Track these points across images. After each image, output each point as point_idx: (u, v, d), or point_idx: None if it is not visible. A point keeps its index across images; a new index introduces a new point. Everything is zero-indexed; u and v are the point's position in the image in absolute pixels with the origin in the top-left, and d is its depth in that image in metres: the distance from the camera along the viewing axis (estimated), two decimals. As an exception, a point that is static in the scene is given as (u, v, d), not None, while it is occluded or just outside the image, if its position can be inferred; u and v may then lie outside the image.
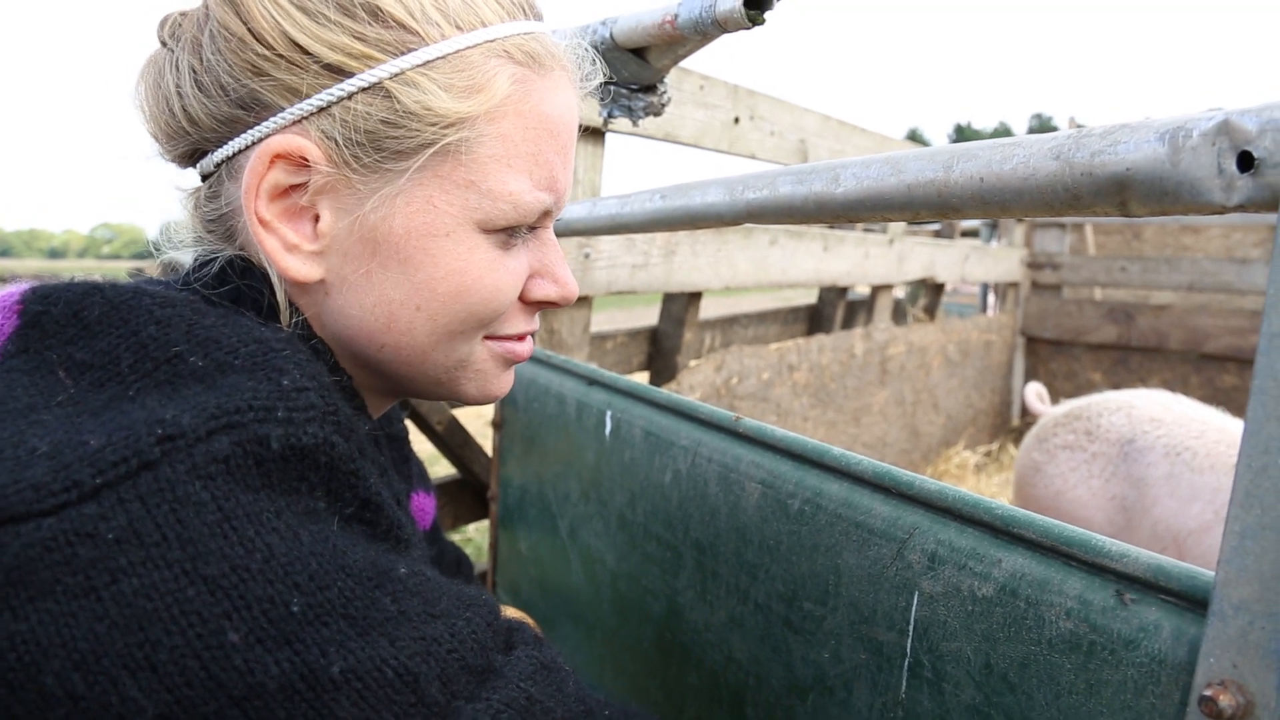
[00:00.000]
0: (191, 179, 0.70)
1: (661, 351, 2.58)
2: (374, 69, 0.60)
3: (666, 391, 1.08)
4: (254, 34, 0.59)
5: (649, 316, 2.86)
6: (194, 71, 0.62)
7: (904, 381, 3.66)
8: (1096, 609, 0.56)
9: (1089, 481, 2.34)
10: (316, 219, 0.63)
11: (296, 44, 0.59)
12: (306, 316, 0.66)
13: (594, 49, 1.10)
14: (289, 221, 0.63)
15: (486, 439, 1.87)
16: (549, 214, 0.70)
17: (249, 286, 0.64)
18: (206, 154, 0.65)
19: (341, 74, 0.60)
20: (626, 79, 1.12)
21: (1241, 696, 0.45)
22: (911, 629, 0.68)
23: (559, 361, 1.36)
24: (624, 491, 1.12)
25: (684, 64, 2.00)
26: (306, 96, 0.60)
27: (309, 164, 0.61)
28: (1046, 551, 0.60)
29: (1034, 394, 2.94)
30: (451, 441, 1.99)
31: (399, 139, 0.61)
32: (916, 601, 0.68)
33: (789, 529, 0.81)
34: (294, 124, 0.61)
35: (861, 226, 3.85)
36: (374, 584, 0.50)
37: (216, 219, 0.66)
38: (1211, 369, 4.36)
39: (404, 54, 0.60)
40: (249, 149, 0.62)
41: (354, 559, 0.50)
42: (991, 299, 5.31)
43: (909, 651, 0.69)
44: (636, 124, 1.22)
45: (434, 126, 0.61)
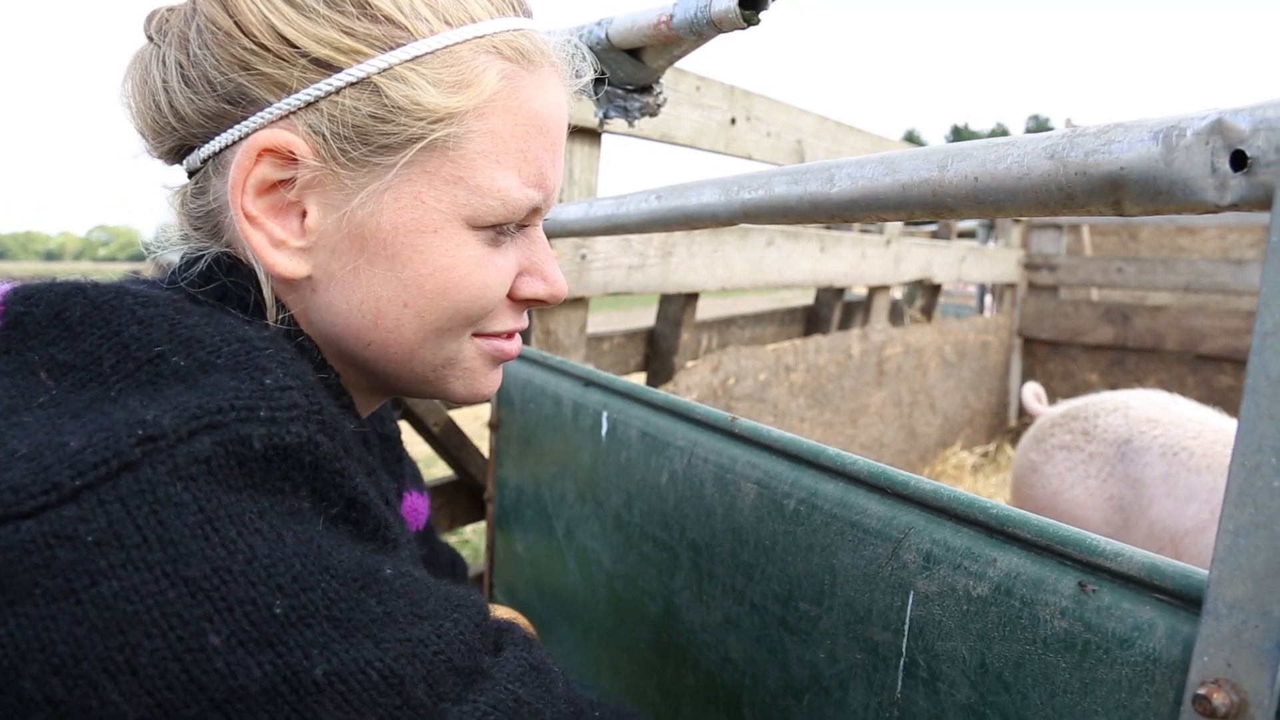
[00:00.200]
0: (178, 176, 0.69)
1: (658, 352, 2.58)
2: (362, 64, 0.59)
3: (662, 392, 1.08)
4: (241, 28, 0.59)
5: (646, 318, 2.86)
6: (181, 67, 0.62)
7: (901, 382, 3.66)
8: (1091, 608, 0.56)
9: (1086, 482, 2.35)
10: (303, 215, 0.63)
11: (284, 38, 0.59)
12: (293, 313, 0.66)
13: (589, 49, 1.10)
14: (276, 217, 0.62)
15: (483, 440, 1.86)
16: (538, 211, 0.69)
17: (235, 284, 0.63)
18: (193, 150, 0.65)
19: (329, 69, 0.59)
20: (622, 79, 1.12)
21: (1235, 695, 0.45)
22: (907, 629, 0.68)
23: (555, 362, 1.36)
24: (620, 492, 1.12)
25: (680, 65, 2.00)
26: (294, 91, 0.60)
27: (296, 159, 0.60)
28: (1041, 551, 0.61)
29: (1031, 394, 2.95)
30: (448, 443, 1.99)
31: (387, 134, 0.61)
32: (912, 601, 0.68)
33: (785, 529, 0.81)
34: (281, 119, 0.60)
35: (858, 227, 3.85)
36: (359, 585, 0.49)
37: (203, 215, 0.66)
38: (1208, 369, 4.37)
39: (392, 49, 0.60)
40: (236, 144, 0.62)
41: (339, 560, 0.49)
42: (988, 300, 5.32)
43: (904, 651, 0.69)
44: (632, 124, 1.22)
45: (422, 121, 0.61)
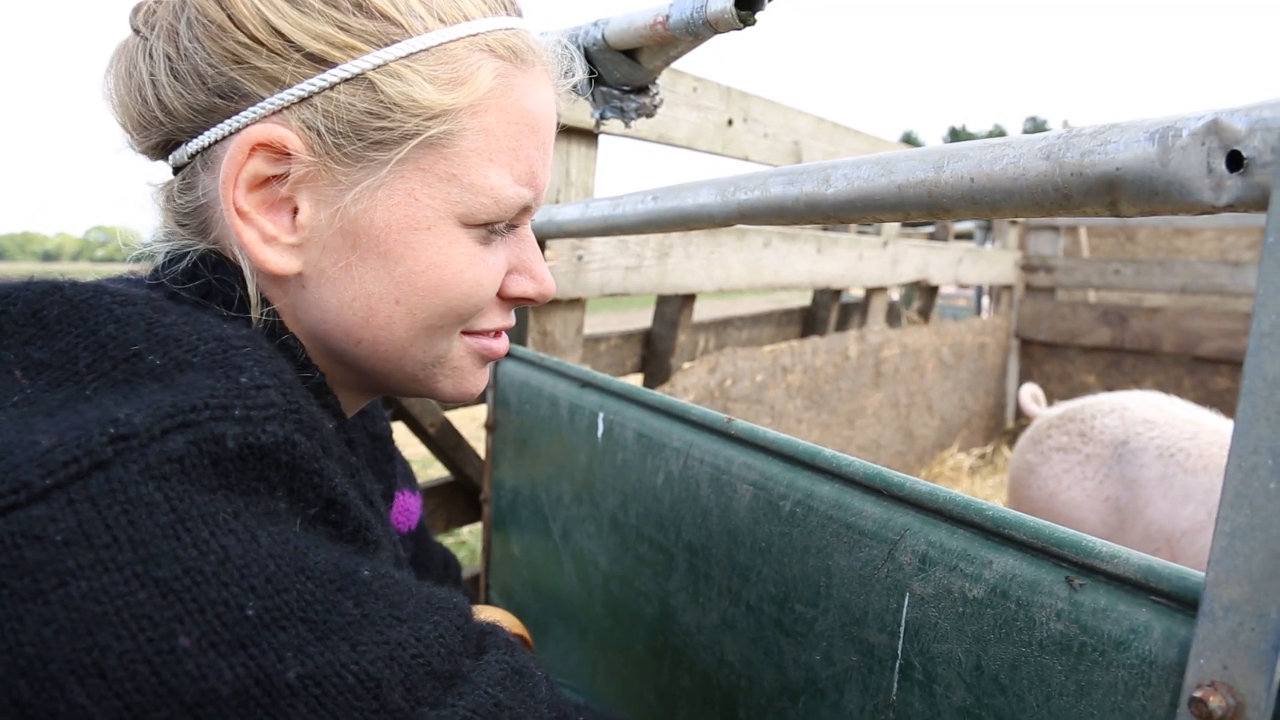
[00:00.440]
0: (161, 172, 0.69)
1: (655, 354, 2.58)
2: (357, 59, 0.59)
3: (659, 393, 1.08)
4: (235, 21, 0.59)
5: (642, 319, 2.85)
6: (169, 59, 0.61)
7: (898, 384, 3.66)
8: (1087, 610, 0.55)
9: (1083, 483, 2.35)
10: (295, 211, 0.62)
11: (279, 32, 0.58)
12: (280, 311, 0.65)
13: (585, 50, 1.10)
14: (267, 213, 0.62)
15: (479, 441, 1.86)
16: (528, 210, 0.70)
17: (220, 281, 0.63)
18: (180, 145, 0.64)
19: (324, 64, 0.59)
20: (619, 80, 1.12)
21: (1231, 698, 0.45)
22: (903, 630, 0.68)
23: (552, 364, 1.35)
24: (616, 493, 1.12)
25: (677, 66, 2.00)
26: (288, 86, 0.59)
27: (289, 154, 0.60)
28: (1037, 553, 0.60)
29: (1029, 396, 2.95)
30: (444, 444, 1.99)
31: (383, 130, 0.60)
32: (908, 603, 0.68)
33: (781, 531, 0.81)
34: (274, 114, 0.60)
35: (855, 228, 3.86)
36: (336, 587, 0.48)
37: (191, 212, 0.65)
38: (1205, 371, 4.38)
39: (387, 45, 0.60)
40: (226, 139, 0.61)
41: (315, 561, 0.48)
42: (985, 301, 5.32)
43: (900, 653, 0.68)
44: (629, 125, 1.22)
45: (418, 118, 0.61)
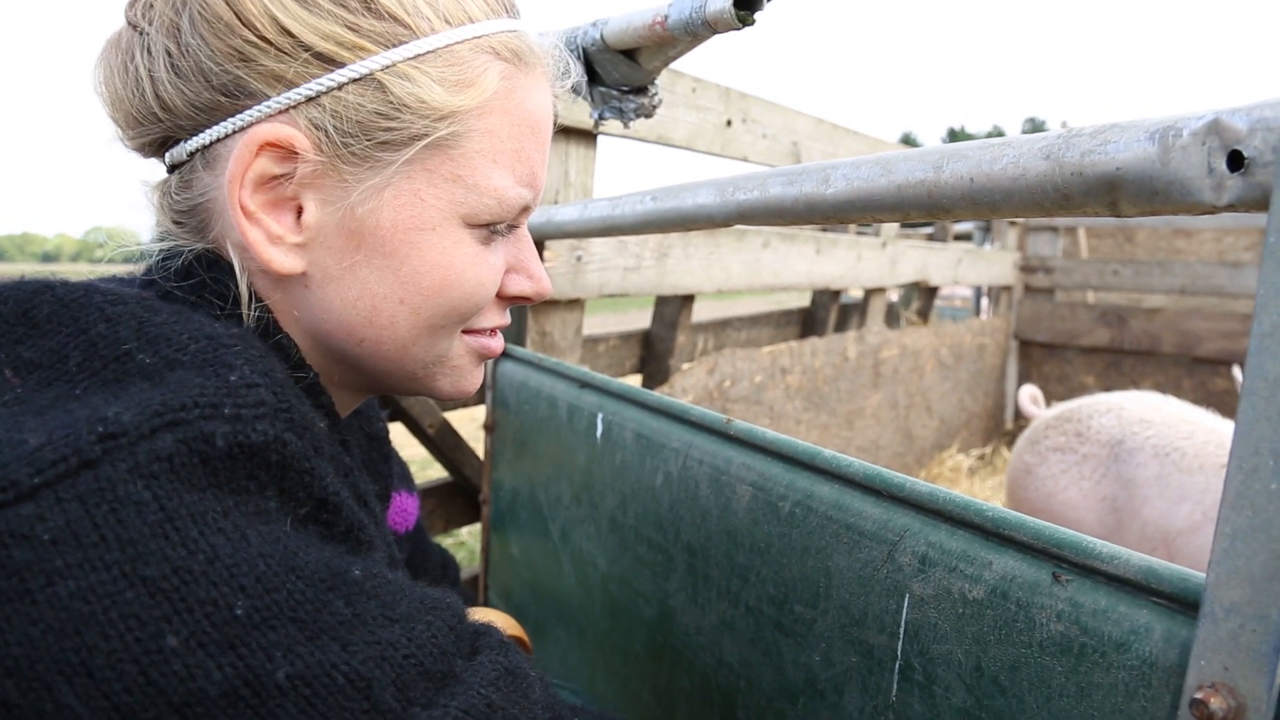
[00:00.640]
0: (157, 171, 0.68)
1: (654, 354, 2.58)
2: (366, 60, 0.59)
3: (658, 394, 1.08)
4: (242, 19, 0.58)
5: (641, 320, 2.85)
6: (169, 55, 0.60)
7: (897, 385, 3.66)
8: (1087, 611, 0.55)
9: (1080, 483, 2.35)
10: (299, 211, 0.62)
11: (287, 31, 0.58)
12: (278, 311, 0.65)
13: (584, 50, 1.10)
14: (272, 212, 0.61)
15: (478, 442, 1.86)
16: (527, 210, 0.70)
17: (214, 279, 0.62)
18: (177, 142, 0.63)
19: (332, 63, 0.59)
20: (618, 80, 1.12)
21: (1232, 699, 0.45)
22: (902, 631, 0.68)
23: (551, 364, 1.35)
24: (615, 494, 1.11)
25: (676, 66, 2.00)
26: (295, 85, 0.59)
27: (297, 154, 0.60)
28: (1037, 554, 0.60)
29: (1027, 397, 2.95)
30: (443, 445, 1.98)
31: (390, 130, 0.60)
32: (907, 604, 0.68)
33: (780, 531, 0.81)
34: (280, 113, 0.59)
35: (854, 229, 3.86)
36: (326, 586, 0.48)
37: (189, 211, 0.65)
38: (1204, 372, 4.38)
39: (395, 46, 0.60)
40: (229, 137, 0.61)
41: (305, 560, 0.48)
42: (984, 302, 5.32)
43: (900, 654, 0.68)
44: (628, 126, 1.22)
45: (426, 119, 0.61)
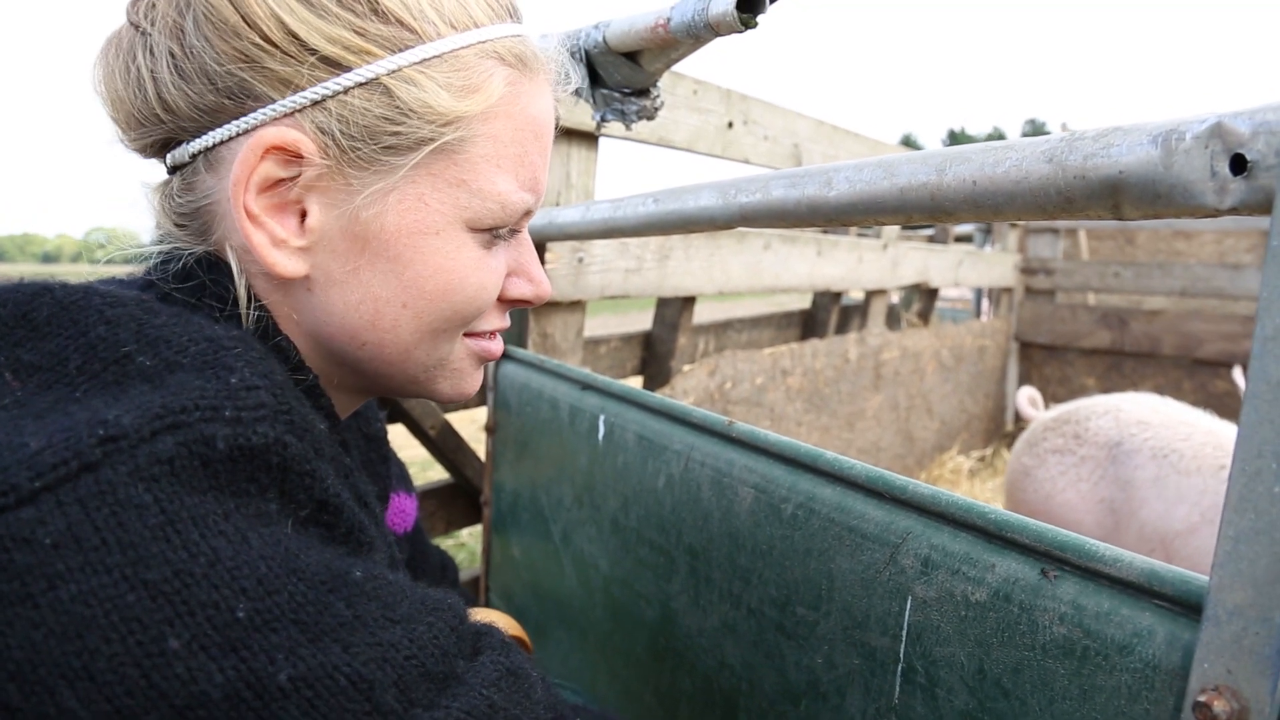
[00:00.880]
0: (158, 173, 0.67)
1: (655, 356, 2.58)
2: (372, 64, 0.59)
3: (659, 396, 1.08)
4: (248, 22, 0.58)
5: (643, 321, 2.85)
6: (173, 56, 0.60)
7: (898, 386, 3.66)
8: (1090, 614, 0.55)
9: (1078, 485, 2.35)
10: (303, 214, 0.62)
11: (293, 34, 0.58)
12: (277, 314, 0.65)
13: (586, 52, 1.10)
14: (276, 216, 0.61)
15: (479, 444, 1.86)
16: (529, 214, 0.70)
17: (214, 282, 0.62)
18: (179, 144, 0.63)
19: (339, 67, 0.59)
20: (619, 83, 1.12)
21: (1236, 702, 0.45)
22: (905, 634, 0.68)
23: (552, 366, 1.35)
24: (617, 496, 1.12)
25: (677, 69, 2.00)
26: (301, 89, 0.59)
27: (302, 158, 0.59)
28: (1040, 556, 0.60)
29: (1026, 399, 2.95)
30: (444, 446, 1.98)
31: (396, 135, 0.60)
32: (910, 606, 0.68)
33: (782, 534, 0.81)
34: (285, 116, 0.59)
35: (855, 231, 3.85)
36: (328, 588, 0.48)
37: (190, 213, 0.64)
38: (1204, 374, 4.38)
39: (401, 50, 0.60)
40: (233, 140, 0.61)
41: (307, 562, 0.48)
42: (985, 304, 5.32)
43: (902, 657, 0.68)
44: (630, 128, 1.22)
45: (432, 124, 0.61)
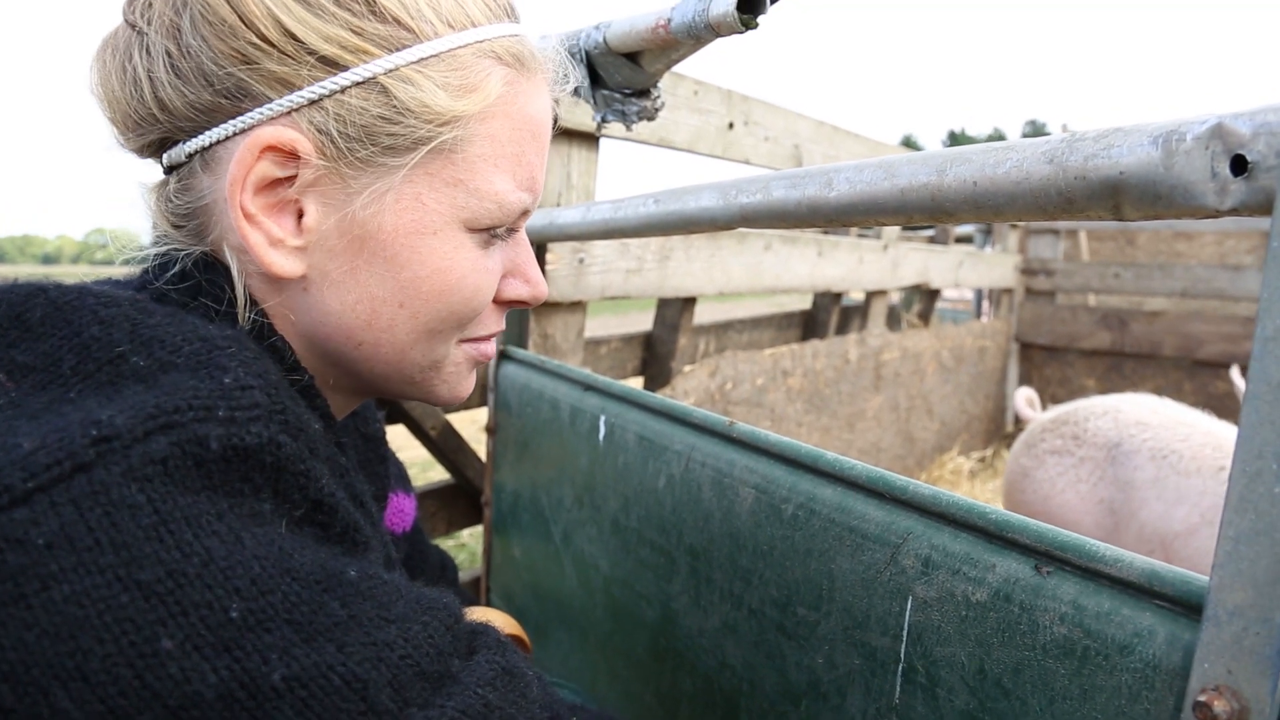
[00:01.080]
0: (155, 173, 0.67)
1: (656, 356, 2.58)
2: (369, 63, 0.59)
3: (660, 396, 1.08)
4: (245, 21, 0.58)
5: (643, 322, 2.85)
6: (169, 56, 0.60)
7: (898, 387, 3.66)
8: (1091, 614, 0.55)
9: (1077, 486, 2.35)
10: (300, 214, 0.62)
11: (291, 34, 0.58)
12: (273, 314, 0.65)
13: (587, 53, 1.10)
14: (273, 215, 0.61)
15: (480, 444, 1.86)
16: (526, 214, 0.70)
17: (210, 282, 0.62)
18: (176, 144, 0.63)
19: (336, 67, 0.59)
20: (620, 83, 1.12)
21: (1236, 702, 0.45)
22: (905, 634, 0.68)
23: (553, 367, 1.35)
24: (617, 497, 1.12)
25: (678, 69, 2.00)
26: (298, 88, 0.59)
27: (299, 157, 0.59)
28: (1041, 557, 0.60)
29: (1024, 400, 2.95)
30: (445, 447, 1.99)
31: (394, 135, 0.60)
32: (910, 606, 0.68)
33: (783, 534, 0.81)
34: (282, 116, 0.59)
35: (855, 232, 3.85)
36: (322, 588, 0.48)
37: (187, 213, 0.64)
38: (1205, 375, 4.38)
39: (399, 50, 0.60)
40: (230, 139, 0.60)
41: (300, 562, 0.48)
42: (985, 305, 5.32)
43: (903, 657, 0.68)
44: (630, 128, 1.22)
45: (430, 124, 0.61)
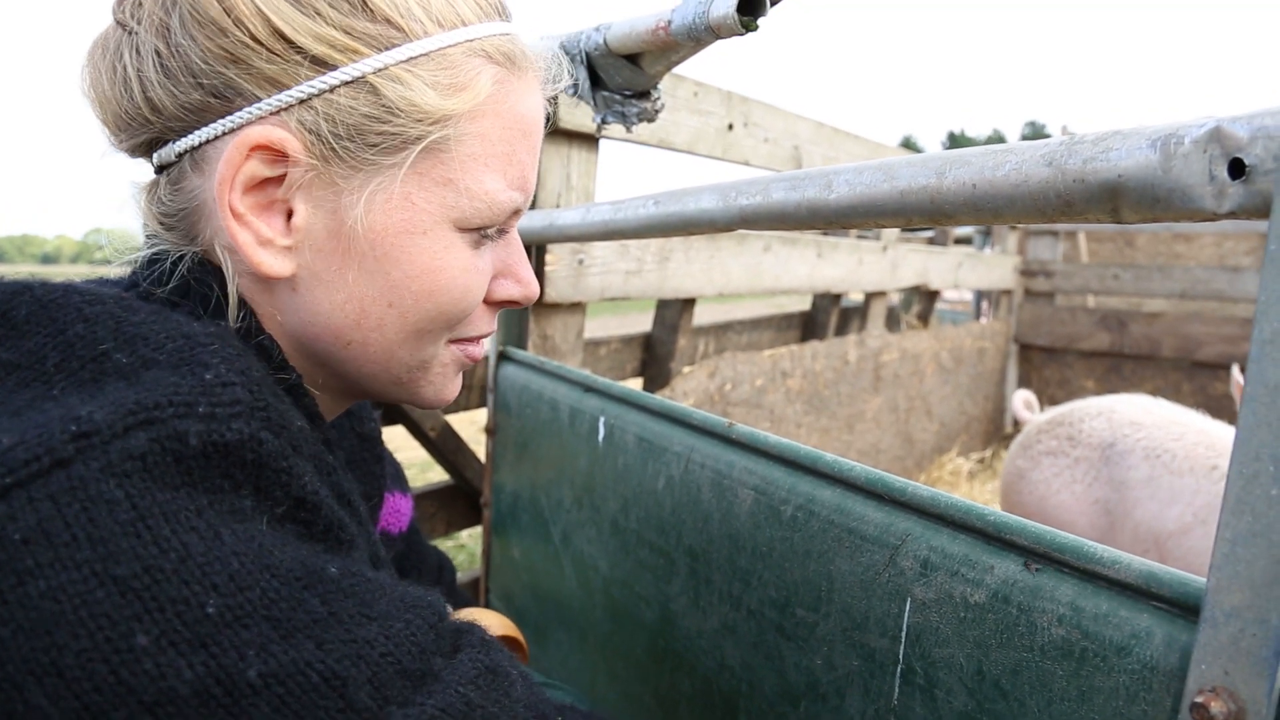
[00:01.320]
0: (147, 172, 0.67)
1: (655, 358, 2.58)
2: (358, 62, 0.59)
3: (659, 397, 1.08)
4: (234, 20, 0.58)
5: (643, 323, 2.85)
6: (159, 55, 0.60)
7: (898, 388, 3.66)
8: (1089, 616, 0.56)
9: (1072, 486, 2.36)
10: (289, 214, 0.62)
11: (280, 33, 0.58)
12: (261, 313, 0.65)
13: (587, 55, 1.10)
14: (262, 215, 0.61)
15: (479, 445, 1.86)
16: (518, 213, 0.70)
17: (198, 281, 0.62)
18: (166, 143, 0.63)
19: (325, 66, 0.59)
20: (620, 85, 1.12)
21: (1233, 703, 0.45)
22: (904, 635, 0.68)
23: (552, 368, 1.36)
24: (617, 498, 1.12)
25: (678, 71, 2.00)
26: (286, 87, 0.58)
27: (288, 157, 0.59)
28: (1039, 558, 0.60)
29: (1021, 402, 2.95)
30: (445, 448, 1.99)
31: (384, 134, 0.60)
32: (909, 608, 0.68)
33: (782, 535, 0.81)
34: (271, 115, 0.59)
35: (855, 233, 3.86)
36: (302, 584, 0.48)
37: (178, 214, 0.64)
38: (1204, 376, 4.38)
39: (388, 49, 0.60)
40: (219, 139, 0.60)
41: (281, 558, 0.48)
42: (985, 306, 5.33)
43: (901, 658, 0.68)
44: (630, 130, 1.22)
45: (420, 123, 0.61)
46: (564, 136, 1.73)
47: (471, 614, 0.96)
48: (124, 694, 0.41)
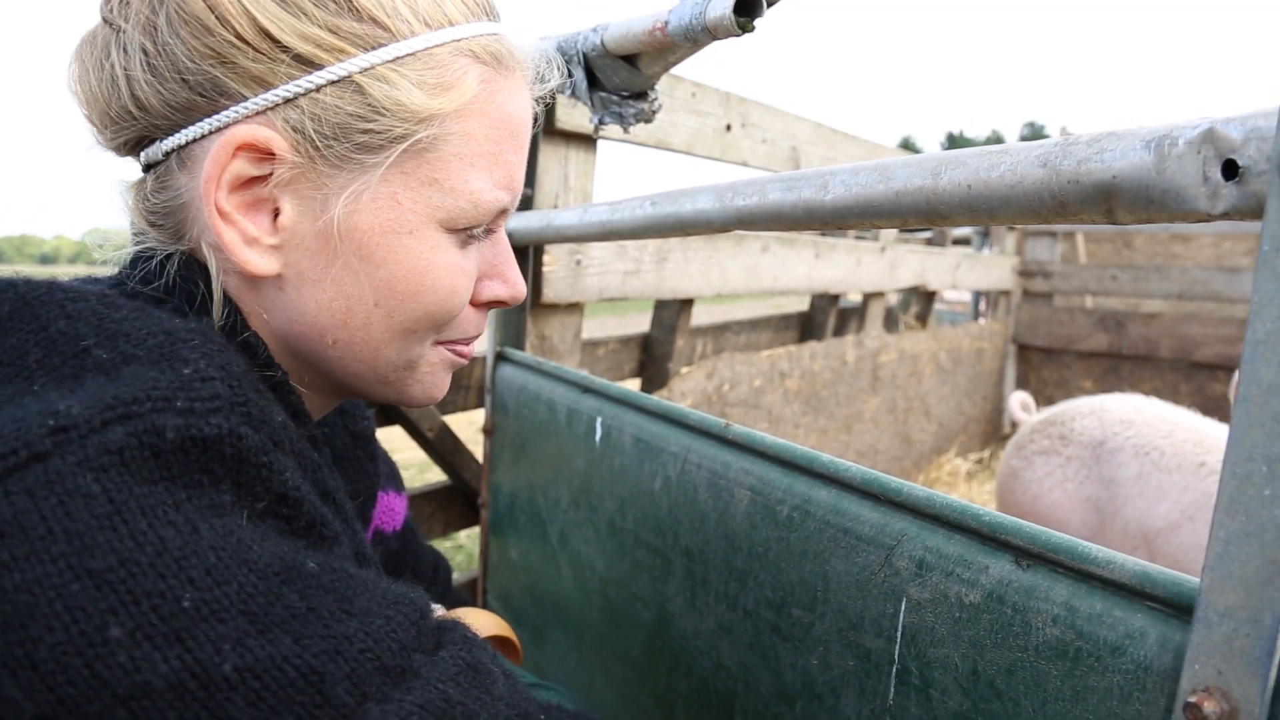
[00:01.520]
0: (134, 170, 0.67)
1: (653, 358, 2.58)
2: (344, 62, 0.59)
3: (656, 398, 1.08)
4: (220, 19, 0.58)
5: (641, 323, 2.86)
6: (146, 54, 0.60)
7: (896, 389, 3.66)
8: (1083, 616, 0.56)
9: (1064, 485, 2.37)
10: (276, 212, 0.62)
11: (266, 32, 0.58)
12: (247, 311, 0.65)
13: (584, 55, 1.10)
14: (248, 213, 0.61)
15: (477, 445, 1.86)
16: (505, 213, 0.70)
17: (183, 278, 0.62)
18: (153, 142, 0.63)
19: (311, 65, 0.59)
20: (618, 86, 1.12)
21: (1226, 703, 0.45)
22: (899, 636, 0.68)
23: (550, 368, 1.36)
24: (614, 498, 1.12)
25: (676, 71, 2.01)
26: (272, 86, 0.59)
27: (274, 156, 0.59)
28: (1033, 559, 0.61)
29: (1018, 404, 2.96)
30: (442, 448, 1.99)
31: (369, 133, 0.60)
32: (904, 608, 0.68)
33: (778, 536, 0.81)
34: (258, 114, 0.59)
35: (853, 234, 3.86)
36: (280, 580, 0.48)
37: (165, 212, 0.64)
38: (1202, 377, 4.39)
39: (375, 49, 0.60)
40: (205, 138, 0.60)
41: (259, 553, 0.48)
42: (983, 306, 5.33)
43: (897, 658, 0.69)
44: (628, 130, 1.22)
45: (406, 122, 0.61)
46: (561, 137, 1.73)
47: (463, 613, 0.96)
48: (98, 687, 0.41)
